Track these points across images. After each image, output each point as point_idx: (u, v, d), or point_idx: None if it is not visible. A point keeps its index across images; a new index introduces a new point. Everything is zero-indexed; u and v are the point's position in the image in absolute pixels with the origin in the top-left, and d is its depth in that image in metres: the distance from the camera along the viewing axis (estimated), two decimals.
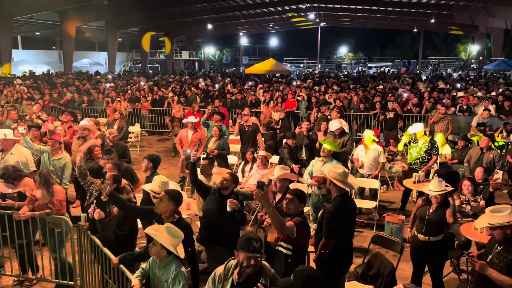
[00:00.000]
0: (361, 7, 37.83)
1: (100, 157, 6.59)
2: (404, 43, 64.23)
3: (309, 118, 10.55)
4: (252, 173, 7.49)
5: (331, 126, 8.19)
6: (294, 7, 40.08)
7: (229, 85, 20.63)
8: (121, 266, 3.93)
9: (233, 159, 9.18)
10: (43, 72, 31.19)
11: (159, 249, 3.44)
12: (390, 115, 11.46)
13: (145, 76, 29.12)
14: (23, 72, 28.15)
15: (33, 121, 9.88)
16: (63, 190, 5.51)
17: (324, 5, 39.49)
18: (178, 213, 4.21)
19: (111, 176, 4.71)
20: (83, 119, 9.55)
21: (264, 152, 7.67)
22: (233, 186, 4.65)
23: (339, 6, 39.34)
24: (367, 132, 8.09)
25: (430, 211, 4.60)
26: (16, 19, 27.36)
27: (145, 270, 3.66)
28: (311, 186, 6.39)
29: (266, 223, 4.10)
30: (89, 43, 48.43)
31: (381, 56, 65.16)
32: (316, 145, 7.92)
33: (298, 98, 14.63)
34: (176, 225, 3.71)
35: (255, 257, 3.07)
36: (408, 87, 19.08)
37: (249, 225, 7.02)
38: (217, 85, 21.49)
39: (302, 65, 57.42)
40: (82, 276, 4.94)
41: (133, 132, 12.76)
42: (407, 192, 7.75)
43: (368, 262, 4.65)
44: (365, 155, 7.76)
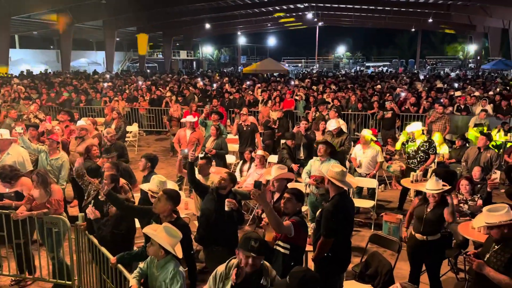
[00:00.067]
0: (359, 7, 37.87)
1: (98, 156, 6.59)
2: (402, 42, 64.29)
3: (307, 117, 10.55)
4: (250, 173, 7.51)
5: (328, 125, 8.22)
6: (292, 6, 40.09)
7: (227, 85, 20.61)
8: (119, 266, 3.93)
9: (231, 159, 9.18)
10: (40, 71, 31.11)
11: (157, 248, 3.43)
12: (388, 114, 11.48)
13: (143, 76, 29.04)
14: (20, 72, 28.08)
15: (31, 121, 9.85)
16: (61, 189, 5.51)
17: (322, 5, 39.48)
18: (176, 213, 4.21)
19: (108, 175, 4.70)
20: (80, 118, 9.56)
21: (262, 152, 7.68)
22: (231, 185, 4.65)
23: (337, 6, 39.34)
24: (365, 131, 8.10)
25: (428, 210, 4.60)
26: (13, 18, 27.26)
27: (143, 270, 3.66)
28: (309, 186, 6.40)
29: (264, 222, 4.11)
30: (86, 42, 48.32)
31: (379, 55, 65.17)
32: (314, 145, 7.93)
33: (296, 97, 14.63)
34: (174, 224, 3.70)
35: (252, 256, 3.05)
36: (406, 87, 19.08)
37: (247, 224, 7.02)
38: (215, 85, 21.47)
39: (300, 65, 57.31)
40: (80, 276, 4.93)
41: (131, 132, 12.73)
42: (405, 192, 7.77)
43: (366, 261, 4.66)
44: (363, 154, 7.77)
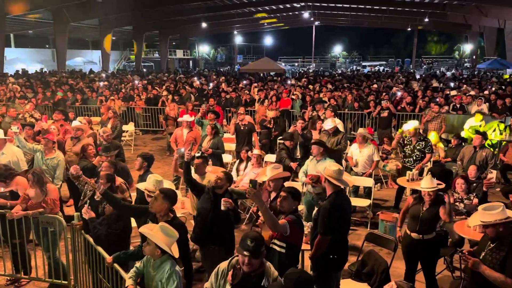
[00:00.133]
0: (355, 6, 37.89)
1: (93, 155, 6.57)
2: (398, 42, 64.44)
3: (303, 116, 10.56)
4: (246, 172, 7.50)
5: (325, 125, 8.24)
6: (288, 6, 40.09)
7: (223, 84, 20.59)
8: (115, 265, 3.92)
9: (227, 158, 9.17)
10: (36, 70, 30.97)
11: (153, 248, 3.42)
12: (384, 113, 11.50)
13: (139, 75, 28.97)
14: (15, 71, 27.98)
15: (26, 120, 9.82)
16: (57, 189, 5.49)
17: (318, 4, 39.51)
18: (172, 212, 4.20)
19: (104, 175, 4.69)
20: (76, 117, 9.53)
21: (258, 151, 7.68)
22: (227, 185, 4.64)
23: (333, 5, 39.34)
24: (361, 130, 8.12)
25: (424, 209, 4.61)
26: (8, 17, 27.12)
27: (139, 269, 3.65)
28: (305, 184, 6.41)
29: (260, 220, 4.11)
30: (82, 41, 48.14)
31: (375, 55, 65.26)
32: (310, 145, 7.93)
33: (292, 96, 14.64)
34: (171, 224, 3.70)
35: (247, 256, 3.06)
36: (402, 86, 19.12)
37: (243, 223, 7.02)
38: (211, 84, 21.44)
39: (296, 64, 57.33)
40: (75, 275, 4.92)
41: (127, 131, 12.70)
42: (401, 190, 7.79)
43: (362, 260, 4.66)
44: (359, 153, 7.78)
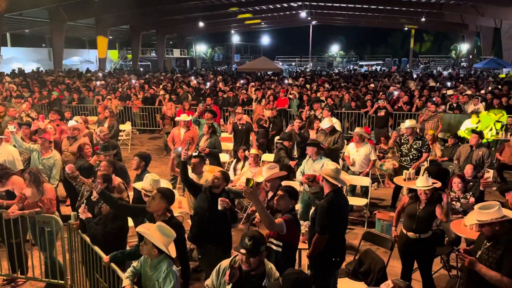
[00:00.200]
0: (352, 6, 37.94)
1: (90, 155, 6.56)
2: (395, 41, 64.55)
3: (300, 116, 10.57)
4: (244, 171, 7.50)
5: (322, 124, 8.26)
6: (285, 5, 40.08)
7: (220, 83, 20.58)
8: (112, 265, 3.91)
9: (225, 157, 9.17)
10: (32, 69, 30.85)
11: (150, 248, 3.41)
12: (381, 113, 11.52)
13: (136, 74, 28.91)
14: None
15: (23, 120, 9.79)
16: (53, 188, 5.47)
17: (315, 3, 39.53)
18: (170, 212, 4.20)
19: (101, 175, 4.68)
20: (73, 117, 9.50)
21: (255, 150, 7.68)
22: (224, 184, 4.64)
23: (330, 5, 39.37)
24: (358, 129, 8.12)
25: (420, 208, 4.62)
26: (5, 16, 27.01)
27: (136, 269, 3.64)
28: (302, 184, 6.41)
29: (257, 219, 4.11)
30: (79, 40, 47.98)
31: (372, 54, 65.39)
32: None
33: (289, 96, 14.65)
34: (168, 223, 3.69)
35: (245, 254, 3.07)
36: (399, 85, 19.18)
37: (241, 223, 7.02)
38: (208, 83, 21.43)
39: (293, 63, 57.34)
40: (72, 275, 4.91)
41: (124, 130, 12.67)
42: (398, 189, 7.80)
43: (359, 259, 4.67)
44: (356, 152, 7.79)
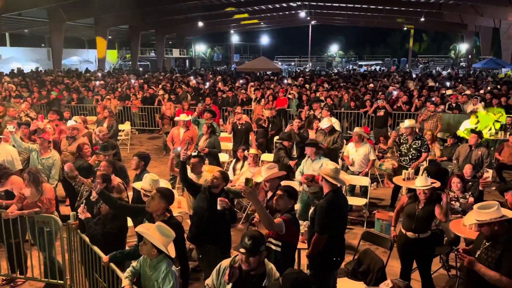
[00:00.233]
0: (351, 6, 37.95)
1: (89, 155, 6.55)
2: (394, 41, 64.57)
3: (300, 116, 10.57)
4: (243, 171, 7.50)
5: (321, 124, 8.27)
6: (285, 5, 40.08)
7: (220, 83, 20.58)
8: (111, 265, 3.91)
9: (224, 157, 9.17)
10: (31, 69, 30.81)
11: (149, 248, 3.41)
12: (380, 112, 11.52)
13: (135, 74, 28.89)
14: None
15: (22, 119, 9.78)
16: (52, 188, 5.47)
17: (315, 3, 39.54)
18: (169, 212, 4.19)
19: (100, 175, 4.68)
20: (72, 117, 9.50)
21: (254, 150, 7.68)
22: (223, 184, 4.64)
23: (329, 5, 39.39)
24: (357, 129, 8.13)
25: (419, 208, 4.62)
26: (4, 16, 26.97)
27: (135, 269, 3.64)
28: (301, 184, 6.41)
29: (256, 219, 4.11)
30: (78, 40, 47.94)
31: (372, 54, 65.43)
32: None
33: (289, 96, 14.64)
34: (167, 223, 3.69)
35: (244, 254, 3.08)
36: (398, 85, 19.18)
37: (240, 223, 7.02)
38: (208, 83, 21.42)
39: (293, 63, 57.34)
40: (71, 275, 4.90)
41: (123, 130, 12.67)
42: (397, 189, 7.81)
43: (359, 258, 4.67)
44: (355, 152, 7.79)
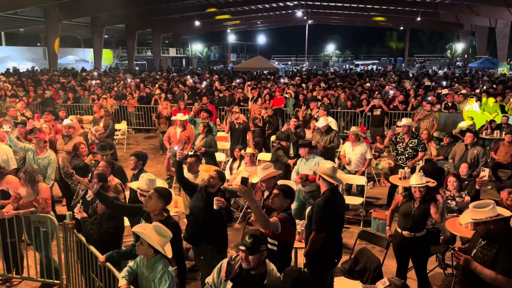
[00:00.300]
0: (348, 5, 38.00)
1: (86, 154, 6.53)
2: (391, 41, 64.71)
3: (297, 115, 10.58)
4: (240, 170, 7.50)
5: (317, 123, 8.29)
6: (281, 4, 40.08)
7: (216, 82, 20.57)
8: (108, 265, 3.90)
9: (221, 157, 9.16)
10: (27, 69, 30.67)
11: (146, 248, 3.40)
12: (377, 112, 11.55)
13: (131, 73, 28.82)
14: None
15: (17, 119, 9.74)
16: (48, 188, 5.45)
17: (311, 3, 39.57)
18: (166, 212, 4.18)
19: (96, 174, 4.66)
20: (68, 116, 9.46)
21: (251, 150, 7.68)
22: (220, 183, 4.62)
23: (326, 4, 39.44)
24: (353, 128, 8.15)
25: (415, 206, 4.63)
26: None
27: (132, 269, 3.63)
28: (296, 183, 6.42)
29: (252, 218, 4.11)
30: (74, 39, 47.77)
31: (368, 54, 65.54)
32: None
33: (285, 95, 14.65)
34: (165, 223, 3.68)
35: (244, 252, 3.10)
36: (394, 85, 19.23)
37: (236, 222, 7.02)
38: (204, 82, 21.41)
39: (289, 63, 57.39)
40: (68, 275, 4.89)
41: (120, 130, 12.64)
42: (393, 188, 7.82)
43: (355, 257, 4.68)
44: (352, 151, 7.81)
